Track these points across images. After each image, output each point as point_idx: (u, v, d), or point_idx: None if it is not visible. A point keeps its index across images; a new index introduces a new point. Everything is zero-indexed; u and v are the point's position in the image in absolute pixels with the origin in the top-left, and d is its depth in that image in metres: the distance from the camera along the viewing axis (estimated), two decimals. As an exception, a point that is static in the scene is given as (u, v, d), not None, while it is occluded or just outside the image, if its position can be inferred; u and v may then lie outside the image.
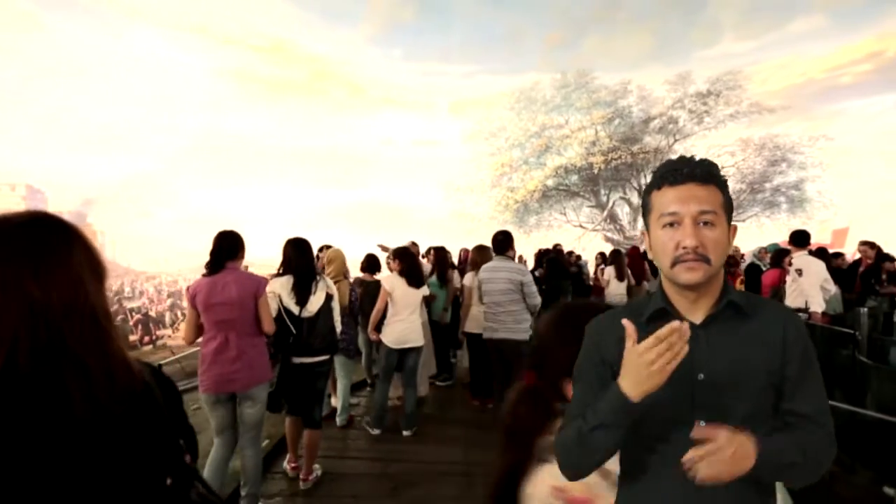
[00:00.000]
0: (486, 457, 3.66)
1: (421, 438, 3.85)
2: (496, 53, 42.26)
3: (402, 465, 3.40)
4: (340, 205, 58.91)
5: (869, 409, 3.84)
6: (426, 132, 52.04)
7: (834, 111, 16.13)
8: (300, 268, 2.99)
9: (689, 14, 21.07)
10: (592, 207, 18.41)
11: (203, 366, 2.55)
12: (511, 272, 3.97)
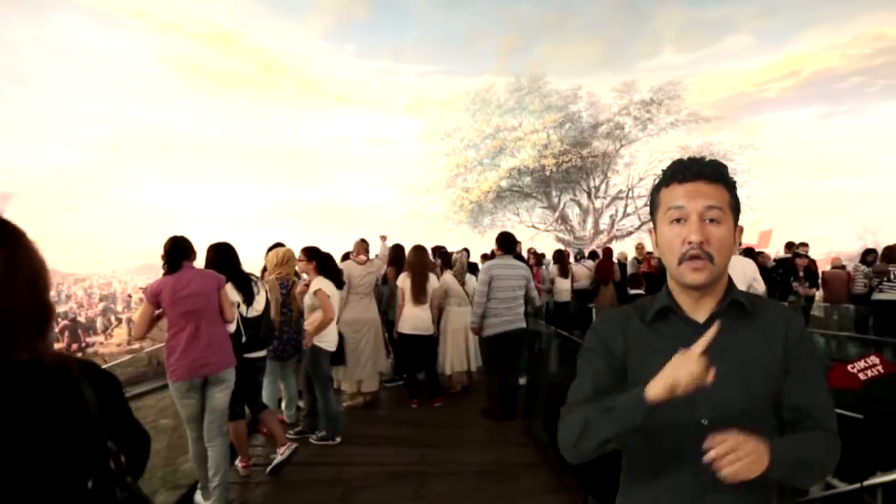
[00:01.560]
0: (440, 456, 3.72)
1: (375, 441, 3.81)
2: (451, 54, 42.29)
3: (355, 469, 3.34)
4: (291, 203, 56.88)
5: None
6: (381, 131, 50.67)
7: (760, 122, 17.69)
8: (230, 272, 3.01)
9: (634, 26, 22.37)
10: (545, 208, 18.93)
11: (174, 355, 2.64)
12: (521, 270, 4.34)
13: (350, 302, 4.43)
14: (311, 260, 3.59)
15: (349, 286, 4.37)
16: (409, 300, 4.43)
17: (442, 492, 3.06)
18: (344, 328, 4.33)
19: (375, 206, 22.24)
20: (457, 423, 4.21)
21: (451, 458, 3.53)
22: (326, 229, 29.07)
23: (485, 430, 4.04)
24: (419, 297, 4.40)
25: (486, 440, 3.87)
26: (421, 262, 4.48)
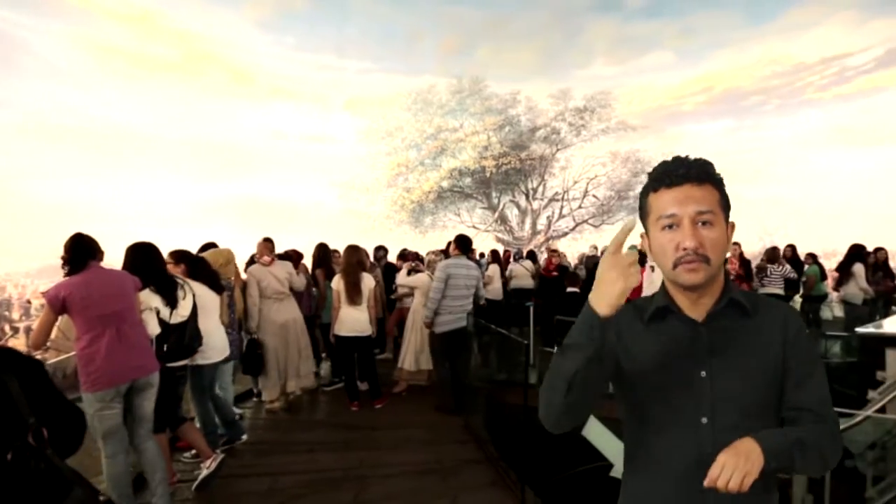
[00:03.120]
0: (380, 458, 3.66)
1: (312, 447, 3.68)
2: (393, 53, 42.37)
3: (291, 477, 3.21)
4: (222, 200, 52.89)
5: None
6: (320, 127, 49.51)
7: (679, 132, 19.30)
8: (153, 275, 2.81)
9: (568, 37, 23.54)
10: (485, 209, 19.31)
11: (95, 362, 2.43)
12: (475, 270, 4.54)
13: (265, 306, 4.25)
14: (180, 263, 3.23)
15: (260, 290, 4.20)
16: (345, 301, 4.34)
17: (382, 494, 3.02)
18: (261, 334, 4.21)
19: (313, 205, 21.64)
20: (398, 423, 4.18)
21: (392, 459, 3.49)
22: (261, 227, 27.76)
23: (426, 430, 4.05)
24: (354, 298, 4.32)
25: (427, 439, 3.87)
26: (353, 262, 4.40)
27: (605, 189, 17.97)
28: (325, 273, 5.07)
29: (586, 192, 18.19)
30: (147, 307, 2.76)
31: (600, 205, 18.15)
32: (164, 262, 2.95)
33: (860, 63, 17.04)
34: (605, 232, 18.06)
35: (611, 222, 18.11)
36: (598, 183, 18.11)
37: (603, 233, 18.07)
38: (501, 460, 3.49)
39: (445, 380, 4.44)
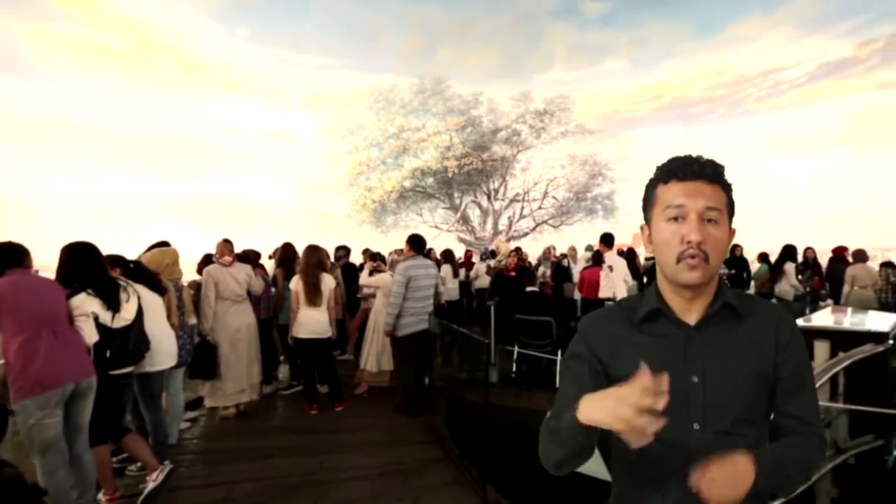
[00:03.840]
0: (341, 462, 3.60)
1: (269, 453, 3.56)
2: (355, 50, 40.42)
3: (247, 485, 3.10)
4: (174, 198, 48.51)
5: (655, 376, 4.80)
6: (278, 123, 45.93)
7: (633, 137, 20.24)
8: (91, 277, 2.63)
9: (529, 41, 24.04)
10: (447, 209, 19.37)
11: (33, 365, 2.27)
12: (433, 269, 4.53)
13: (220, 308, 4.10)
14: (115, 268, 3.02)
15: (217, 292, 4.06)
16: (303, 302, 4.24)
17: (343, 498, 2.97)
18: (217, 336, 4.07)
19: (271, 203, 20.92)
20: (359, 426, 4.13)
21: (353, 462, 3.44)
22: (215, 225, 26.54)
23: (388, 431, 4.01)
24: (313, 299, 4.23)
25: (389, 441, 3.84)
26: (313, 263, 4.30)
27: (564, 190, 18.47)
28: (285, 273, 4.93)
29: (546, 193, 18.61)
30: (83, 313, 2.57)
31: (559, 206, 18.61)
32: (103, 262, 2.76)
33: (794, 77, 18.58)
34: (564, 232, 18.55)
35: (569, 223, 18.63)
36: (557, 184, 18.57)
37: (562, 233, 18.54)
38: (463, 458, 3.52)
39: (410, 384, 4.41)
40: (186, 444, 3.74)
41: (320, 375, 4.66)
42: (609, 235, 6.22)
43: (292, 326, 4.30)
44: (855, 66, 18.72)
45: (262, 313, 4.80)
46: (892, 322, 3.80)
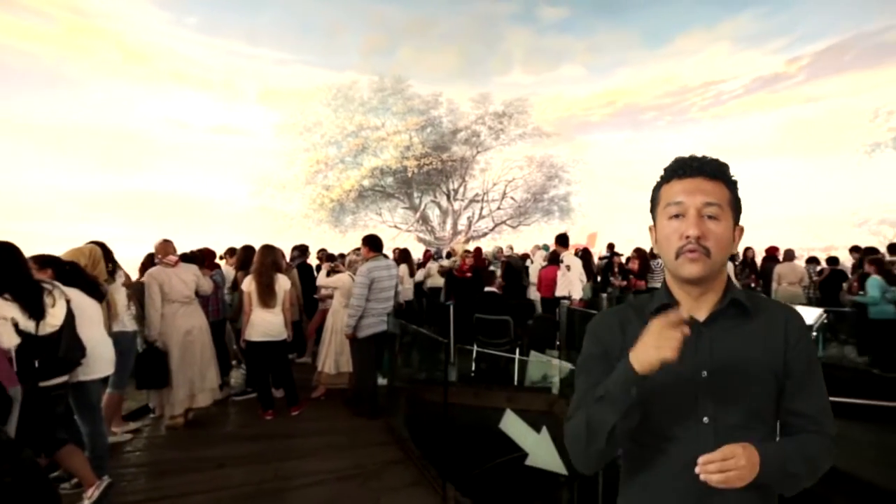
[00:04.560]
0: (298, 468, 3.50)
1: (220, 462, 3.42)
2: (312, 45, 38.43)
3: (197, 497, 2.95)
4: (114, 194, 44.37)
5: (608, 371, 4.98)
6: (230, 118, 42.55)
7: (588, 141, 20.97)
8: (9, 280, 2.42)
9: (489, 44, 24.35)
10: (406, 209, 19.31)
11: None
12: (394, 269, 4.50)
13: (167, 311, 3.89)
14: (45, 268, 2.82)
15: (162, 294, 3.85)
16: (257, 304, 4.10)
17: (300, 505, 2.89)
18: (166, 341, 3.86)
19: (223, 201, 20.04)
20: (316, 430, 4.03)
21: (310, 467, 3.36)
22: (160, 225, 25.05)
23: (346, 435, 3.95)
24: (267, 301, 4.10)
25: (347, 444, 3.78)
26: (267, 263, 4.16)
27: (522, 191, 18.87)
28: (246, 277, 4.74)
29: (504, 193, 18.93)
30: (2, 317, 2.35)
31: (517, 206, 18.98)
32: (25, 264, 2.51)
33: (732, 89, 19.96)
34: (522, 232, 18.95)
35: (527, 223, 19.05)
36: (515, 185, 18.93)
37: (520, 233, 18.93)
38: (423, 459, 3.52)
39: (371, 385, 4.36)
40: (128, 456, 3.52)
41: (275, 379, 4.52)
42: (564, 236, 6.41)
43: (244, 329, 4.14)
44: (785, 81, 20.32)
45: (212, 315, 4.59)
46: (815, 315, 4.13)
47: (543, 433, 2.84)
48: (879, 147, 16.98)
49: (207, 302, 4.53)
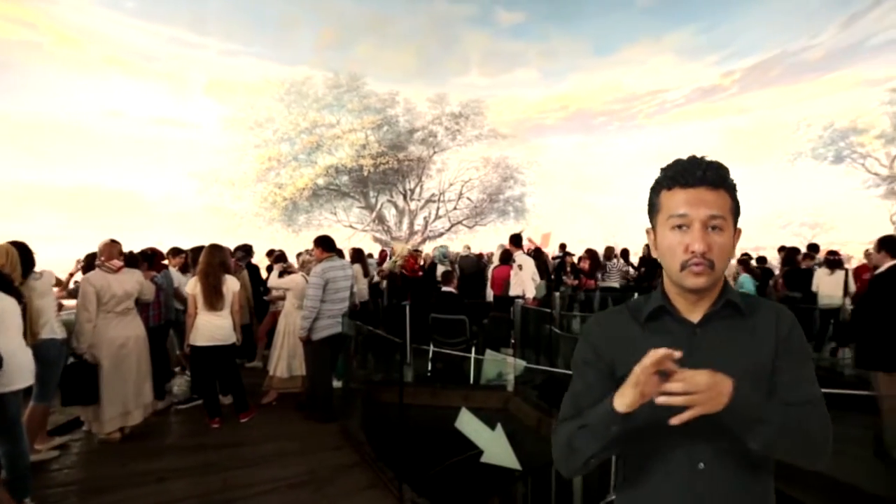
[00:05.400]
0: (247, 477, 3.37)
1: (162, 476, 3.22)
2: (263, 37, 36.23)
3: (136, 512, 2.78)
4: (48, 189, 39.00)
5: (559, 367, 5.15)
6: (173, 110, 38.56)
7: (542, 143, 21.58)
8: None
9: (446, 45, 24.44)
10: (362, 208, 19.03)
11: None
12: (350, 269, 4.43)
13: (101, 321, 3.58)
14: None
15: (98, 301, 3.54)
16: (202, 307, 3.90)
17: (249, 516, 2.78)
18: (98, 353, 3.55)
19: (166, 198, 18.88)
20: (267, 437, 3.89)
21: (261, 476, 3.24)
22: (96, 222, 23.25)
23: (299, 440, 3.84)
24: (214, 303, 3.91)
25: (300, 450, 3.67)
26: (214, 264, 3.96)
27: (478, 192, 19.08)
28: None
29: (461, 194, 19.07)
30: None
31: (473, 207, 19.18)
32: None
33: (675, 98, 21.21)
34: (479, 233, 19.17)
35: (483, 224, 19.29)
36: (471, 186, 19.11)
37: (476, 233, 19.15)
38: (378, 461, 3.48)
39: (325, 389, 4.27)
40: (55, 475, 3.23)
41: (223, 385, 4.32)
42: (518, 235, 6.54)
43: (188, 333, 3.93)
44: (721, 93, 21.81)
45: (153, 320, 4.32)
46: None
47: (498, 430, 2.88)
48: (801, 156, 18.60)
49: (148, 306, 4.26)
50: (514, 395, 4.83)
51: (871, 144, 16.81)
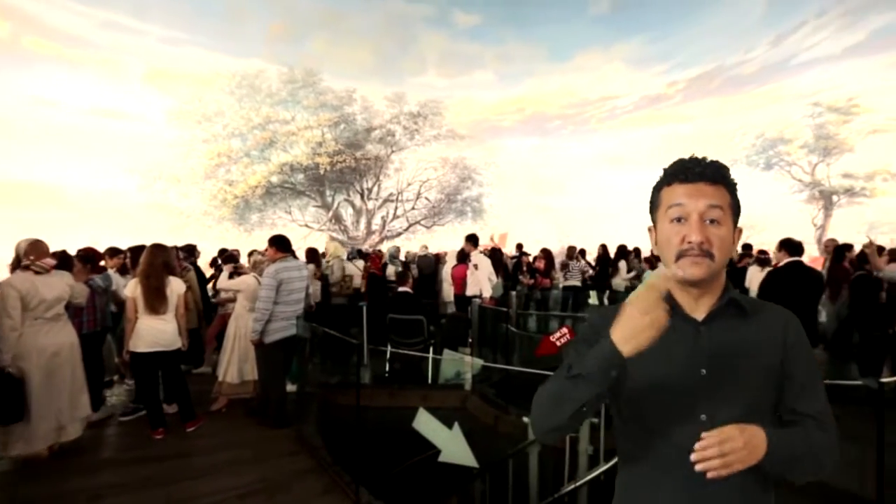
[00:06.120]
0: (194, 489, 3.22)
1: (98, 494, 3.00)
2: (210, 26, 32.98)
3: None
4: None
5: (516, 365, 5.26)
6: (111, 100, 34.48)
7: (499, 145, 21.93)
8: None
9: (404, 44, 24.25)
10: (318, 207, 18.59)
11: None
12: (305, 270, 4.33)
13: (29, 328, 3.24)
14: None
15: (25, 306, 3.21)
16: (143, 311, 3.67)
17: (196, 529, 2.65)
18: (24, 365, 3.20)
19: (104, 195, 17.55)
20: (217, 446, 3.71)
21: (209, 487, 3.09)
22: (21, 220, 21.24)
23: (251, 448, 3.69)
24: (156, 306, 3.68)
25: (252, 458, 3.54)
26: (157, 265, 3.74)
27: (436, 192, 19.12)
28: None
29: (419, 194, 19.03)
30: None
31: (431, 207, 19.20)
32: None
33: (623, 105, 22.21)
34: (436, 233, 19.20)
35: (441, 224, 19.35)
36: (429, 186, 19.11)
37: (434, 233, 19.16)
38: (335, 465, 3.42)
39: (279, 393, 4.13)
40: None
41: (168, 393, 4.08)
42: (474, 235, 6.60)
43: (128, 338, 3.68)
44: (666, 101, 23.06)
45: (87, 326, 4.02)
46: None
47: (456, 429, 2.90)
48: (737, 163, 19.94)
49: (81, 311, 3.95)
50: (471, 394, 4.88)
51: (795, 154, 18.29)
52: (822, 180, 17.55)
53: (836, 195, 17.28)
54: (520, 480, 3.35)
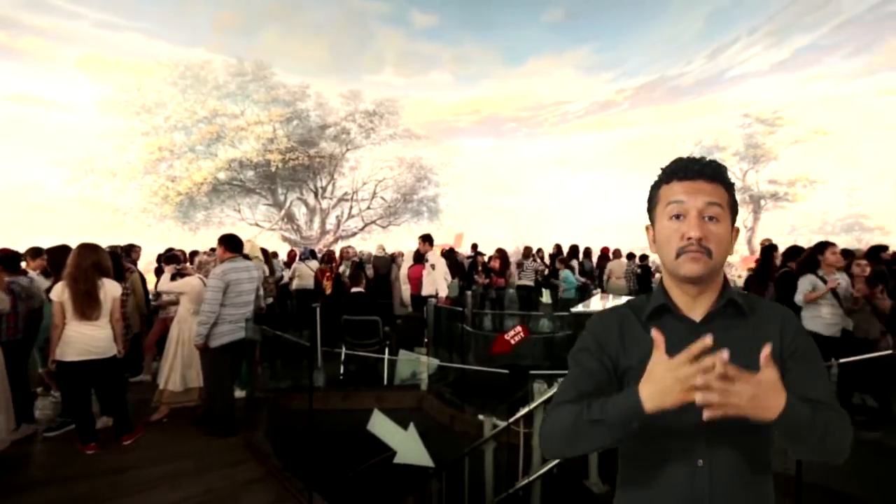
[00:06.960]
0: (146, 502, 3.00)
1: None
2: (150, 12, 29.99)
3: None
4: None
5: (471, 364, 5.32)
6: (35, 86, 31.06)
7: (455, 146, 22.04)
8: None
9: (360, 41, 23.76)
10: (269, 206, 17.97)
11: None
12: (256, 271, 4.15)
13: None
14: None
15: None
16: (72, 316, 3.39)
17: (133, 548, 2.48)
18: None
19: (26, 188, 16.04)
20: (156, 458, 3.49)
21: (148, 502, 2.90)
22: (-77, 218, 18.99)
23: (195, 459, 3.50)
24: (87, 312, 3.40)
25: (196, 469, 3.36)
26: (87, 266, 3.45)
27: (392, 192, 19.01)
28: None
29: (375, 193, 18.84)
30: None
31: (387, 206, 19.06)
32: None
33: (575, 110, 23.02)
34: (392, 232, 19.06)
35: (397, 223, 19.25)
36: (385, 185, 18.97)
37: (390, 233, 19.02)
38: (285, 472, 3.31)
39: (226, 400, 3.95)
40: None
41: (104, 405, 3.79)
42: (428, 235, 6.62)
43: (54, 347, 3.38)
44: (614, 108, 24.11)
45: (6, 334, 3.66)
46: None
47: (411, 429, 2.89)
48: (678, 168, 21.16)
49: (1, 319, 3.59)
50: (428, 394, 4.89)
51: (729, 161, 19.70)
52: (751, 186, 18.99)
53: (764, 200, 18.76)
54: (476, 477, 3.39)
